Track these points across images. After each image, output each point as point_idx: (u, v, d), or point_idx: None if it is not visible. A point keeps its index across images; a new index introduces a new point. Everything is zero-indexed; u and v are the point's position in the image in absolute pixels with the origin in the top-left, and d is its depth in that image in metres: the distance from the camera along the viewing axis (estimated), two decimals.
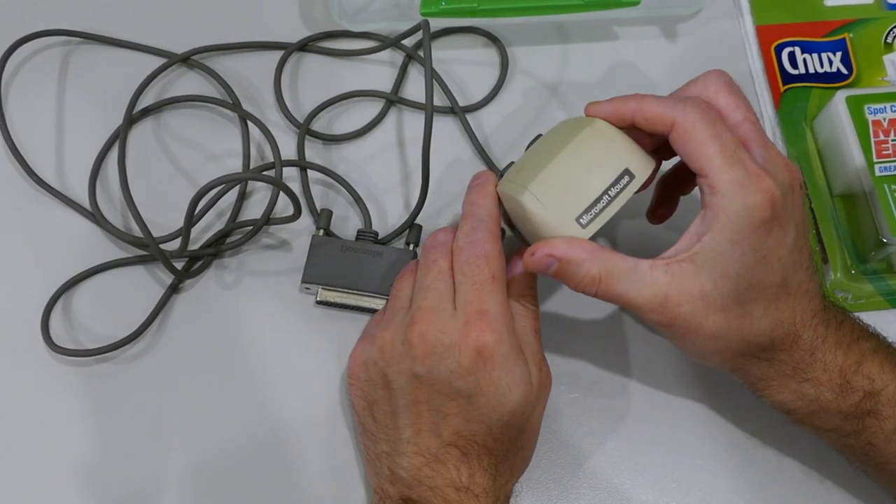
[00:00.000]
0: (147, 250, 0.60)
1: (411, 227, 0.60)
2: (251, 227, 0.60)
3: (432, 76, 0.56)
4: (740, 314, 0.47)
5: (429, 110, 0.55)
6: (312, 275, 0.58)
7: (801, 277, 0.48)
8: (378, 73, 0.67)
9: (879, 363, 0.49)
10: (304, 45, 0.67)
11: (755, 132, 0.49)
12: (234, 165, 0.63)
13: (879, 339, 0.51)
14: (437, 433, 0.49)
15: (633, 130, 0.50)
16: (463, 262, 0.49)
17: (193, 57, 0.66)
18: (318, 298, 0.58)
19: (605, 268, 0.47)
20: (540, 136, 0.54)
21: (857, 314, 0.59)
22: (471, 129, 0.63)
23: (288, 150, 0.63)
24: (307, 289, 0.58)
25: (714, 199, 0.46)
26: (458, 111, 0.64)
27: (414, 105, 0.65)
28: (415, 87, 0.66)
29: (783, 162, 0.48)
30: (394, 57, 0.67)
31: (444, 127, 0.64)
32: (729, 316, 0.47)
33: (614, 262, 0.47)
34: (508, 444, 0.49)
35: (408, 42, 0.66)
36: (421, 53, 0.66)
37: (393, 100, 0.65)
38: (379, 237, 0.60)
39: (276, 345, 0.58)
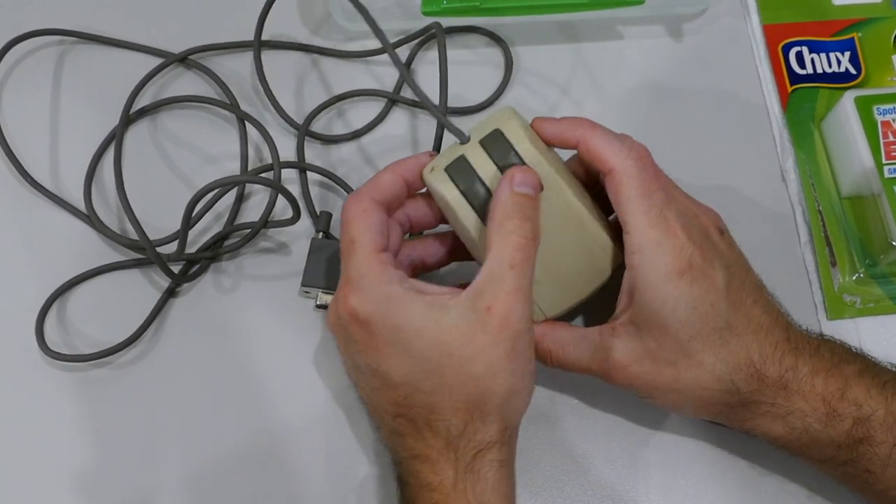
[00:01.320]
0: (143, 253, 0.60)
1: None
2: (249, 230, 0.60)
3: (447, 79, 0.57)
4: (691, 365, 0.49)
5: (442, 112, 0.56)
6: (312, 278, 0.58)
7: (749, 315, 0.49)
8: (377, 73, 0.67)
9: (865, 387, 0.48)
10: (304, 46, 0.67)
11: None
12: (232, 167, 0.63)
13: (865, 361, 0.50)
14: (383, 408, 0.49)
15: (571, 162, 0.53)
16: (340, 227, 0.51)
17: (191, 57, 0.66)
18: (318, 302, 0.58)
19: (556, 342, 0.52)
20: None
21: (864, 319, 0.59)
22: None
23: (287, 151, 0.64)
24: (307, 293, 0.58)
25: (634, 258, 0.49)
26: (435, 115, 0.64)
27: (416, 105, 0.66)
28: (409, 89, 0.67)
29: (698, 210, 0.51)
30: (387, 56, 0.67)
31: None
32: (680, 369, 0.49)
33: (563, 334, 0.52)
34: (455, 393, 0.47)
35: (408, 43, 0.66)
36: (419, 54, 0.67)
37: (394, 99, 0.65)
38: None
39: (275, 349, 0.58)
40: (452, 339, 0.46)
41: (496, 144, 0.50)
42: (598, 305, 0.54)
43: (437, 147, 0.58)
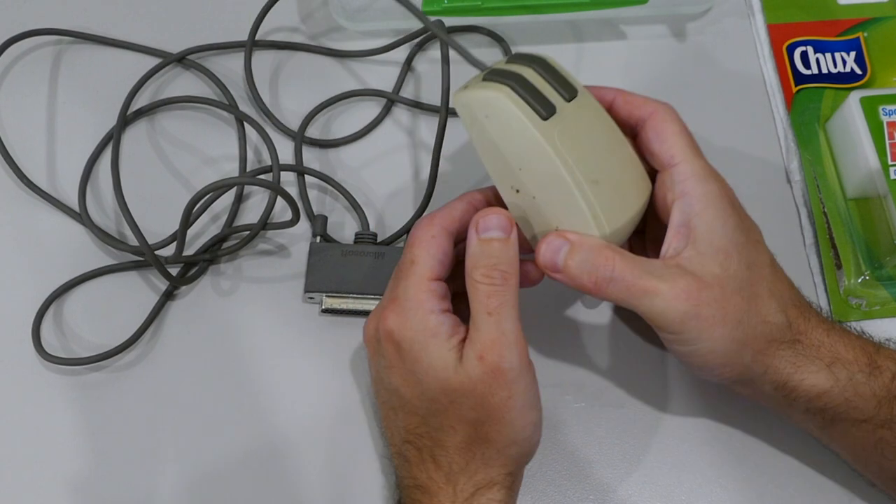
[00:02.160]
0: (141, 256, 0.60)
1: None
2: (248, 232, 0.60)
3: (449, 79, 0.57)
4: (752, 295, 0.48)
5: (443, 114, 0.56)
6: (315, 283, 0.58)
7: (781, 269, 0.51)
8: (377, 72, 0.67)
9: (893, 347, 0.51)
10: (303, 46, 0.67)
11: (702, 201, 0.51)
12: (231, 169, 0.64)
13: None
14: (396, 429, 0.50)
15: None
16: (405, 246, 0.51)
17: (189, 57, 0.66)
18: (323, 307, 0.58)
19: (623, 260, 0.48)
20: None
21: (870, 322, 0.59)
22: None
23: (286, 152, 0.64)
24: (311, 298, 0.59)
25: (687, 185, 0.49)
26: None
27: (416, 106, 0.66)
28: (415, 87, 0.67)
29: None
30: (393, 56, 0.67)
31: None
32: (744, 297, 0.48)
33: (629, 256, 0.48)
34: (459, 435, 0.48)
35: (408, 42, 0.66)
36: (419, 54, 0.67)
37: (394, 99, 0.66)
38: (378, 239, 0.60)
39: (275, 353, 0.58)
40: (455, 387, 0.47)
41: (522, 58, 0.49)
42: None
43: (439, 147, 0.58)
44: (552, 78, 0.49)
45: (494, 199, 0.52)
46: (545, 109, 0.47)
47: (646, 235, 0.55)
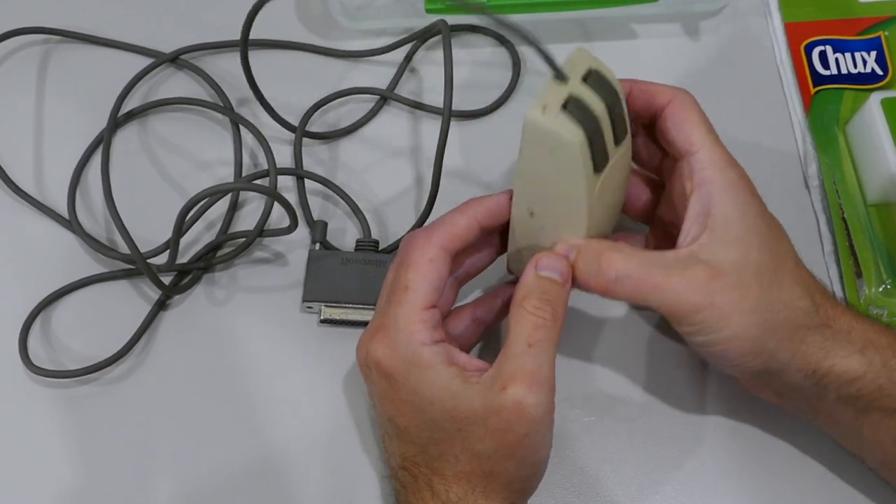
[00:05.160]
0: (132, 264, 0.60)
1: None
2: (244, 240, 0.60)
3: (452, 80, 0.57)
4: (774, 281, 0.49)
5: (446, 116, 0.57)
6: (314, 292, 0.58)
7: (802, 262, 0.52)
8: (378, 72, 0.67)
9: None
10: (302, 45, 0.67)
11: (723, 190, 0.52)
12: (226, 173, 0.64)
13: None
14: (392, 455, 0.51)
15: None
16: (396, 263, 0.51)
17: (182, 57, 0.67)
18: (322, 317, 0.58)
19: (627, 259, 0.48)
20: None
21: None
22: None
23: (283, 156, 0.64)
24: (309, 308, 0.59)
25: (706, 172, 0.50)
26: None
27: (416, 106, 0.66)
28: (414, 88, 0.67)
29: None
30: (392, 56, 0.68)
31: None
32: (765, 283, 0.48)
33: (636, 253, 0.49)
34: (461, 464, 0.48)
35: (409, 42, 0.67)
36: (421, 54, 0.68)
37: (390, 97, 0.66)
38: (380, 247, 0.61)
39: (272, 365, 0.59)
40: (465, 416, 0.47)
41: (599, 84, 0.48)
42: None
43: (442, 147, 0.58)
44: (616, 118, 0.49)
45: (497, 211, 0.52)
46: (601, 163, 0.48)
47: (654, 230, 0.57)
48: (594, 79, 0.48)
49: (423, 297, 0.49)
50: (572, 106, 0.46)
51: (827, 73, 0.67)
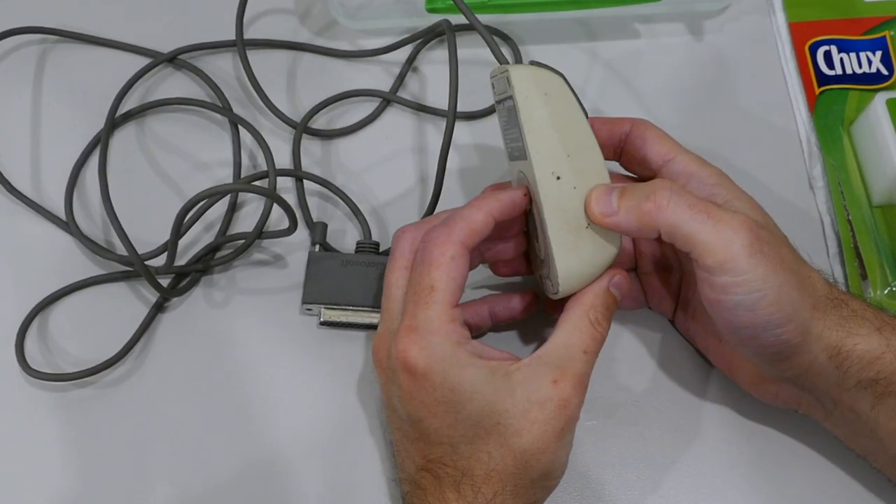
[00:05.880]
0: (130, 266, 0.60)
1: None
2: (243, 241, 0.60)
3: (457, 81, 0.57)
4: (798, 262, 0.50)
5: (450, 117, 0.57)
6: (313, 294, 0.58)
7: None
8: (379, 72, 0.67)
9: None
10: (301, 45, 0.67)
11: (714, 175, 0.53)
12: (225, 174, 0.64)
13: None
14: (410, 457, 0.51)
15: None
16: (416, 262, 0.51)
17: (180, 56, 0.67)
18: (321, 319, 0.58)
19: (679, 188, 0.49)
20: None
21: None
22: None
23: (283, 156, 0.64)
24: (308, 310, 0.59)
25: (692, 167, 0.52)
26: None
27: (420, 109, 0.66)
28: (415, 87, 0.67)
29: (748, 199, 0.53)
30: (393, 55, 0.68)
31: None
32: (792, 250, 0.50)
33: (684, 188, 0.50)
34: (494, 461, 0.48)
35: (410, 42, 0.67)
36: (423, 54, 0.68)
37: (392, 99, 0.66)
38: (381, 248, 0.61)
39: (271, 367, 0.59)
40: (506, 408, 0.47)
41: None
42: None
43: (446, 149, 0.58)
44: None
45: (511, 206, 0.52)
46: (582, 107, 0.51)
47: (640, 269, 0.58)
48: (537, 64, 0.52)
49: (450, 296, 0.49)
50: (536, 64, 0.51)
51: (832, 73, 0.67)
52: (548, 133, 0.50)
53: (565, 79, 0.51)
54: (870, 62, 0.67)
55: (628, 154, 0.55)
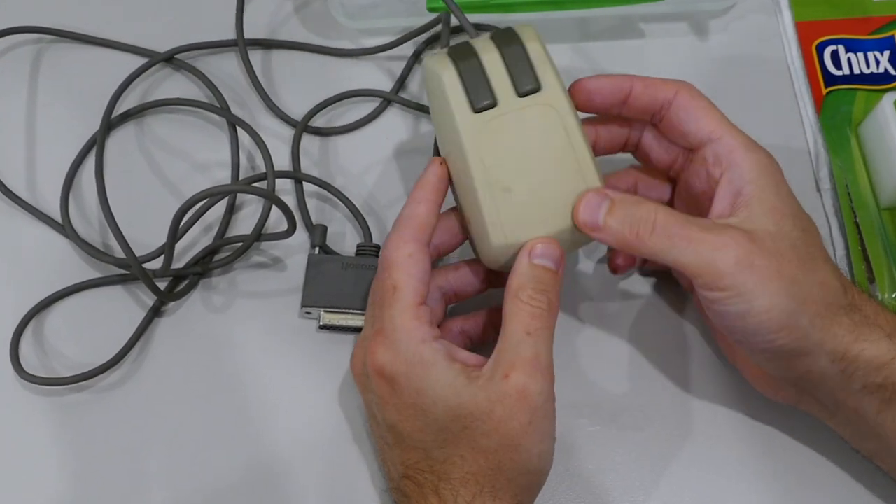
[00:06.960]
0: (127, 269, 0.60)
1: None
2: (241, 244, 0.60)
3: None
4: (807, 256, 0.49)
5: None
6: (312, 297, 0.58)
7: None
8: (379, 72, 0.68)
9: None
10: (301, 45, 0.68)
11: (755, 168, 0.52)
12: (223, 175, 0.64)
13: None
14: (393, 464, 0.51)
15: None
16: (378, 270, 0.52)
17: (178, 56, 0.67)
18: (321, 323, 0.58)
19: (666, 210, 0.49)
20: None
21: None
22: None
23: (282, 157, 0.64)
24: (308, 313, 0.59)
25: (737, 154, 0.51)
26: None
27: (419, 109, 0.66)
28: (415, 88, 0.67)
29: None
30: (394, 54, 0.68)
31: None
32: (800, 255, 0.49)
33: (672, 210, 0.49)
34: (468, 464, 0.48)
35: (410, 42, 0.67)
36: (424, 53, 0.68)
37: (392, 99, 0.66)
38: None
39: (270, 371, 0.59)
40: (470, 411, 0.47)
41: (504, 39, 0.51)
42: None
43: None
44: (517, 67, 0.50)
45: (435, 178, 0.52)
46: (482, 101, 0.50)
47: None
48: (498, 34, 0.51)
49: (412, 294, 0.50)
50: (457, 49, 0.50)
51: (839, 73, 0.67)
52: (439, 127, 0.52)
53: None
54: (878, 62, 0.67)
55: (669, 123, 0.53)
